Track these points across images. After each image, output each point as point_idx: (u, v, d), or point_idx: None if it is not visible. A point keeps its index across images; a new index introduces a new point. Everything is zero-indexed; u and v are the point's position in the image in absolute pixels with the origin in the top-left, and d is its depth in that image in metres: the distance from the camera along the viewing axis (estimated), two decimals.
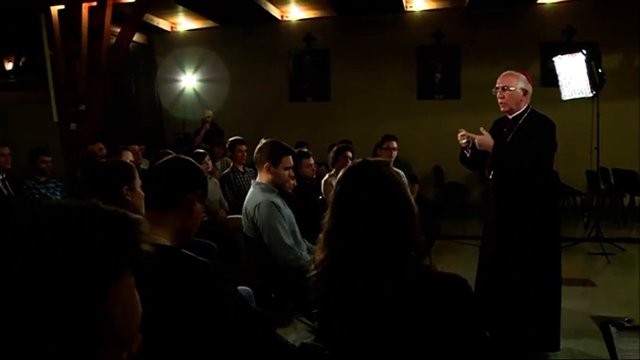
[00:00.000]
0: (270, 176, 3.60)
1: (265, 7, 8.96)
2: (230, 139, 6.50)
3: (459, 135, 3.79)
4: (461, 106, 9.14)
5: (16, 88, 8.38)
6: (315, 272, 1.61)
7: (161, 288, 1.73)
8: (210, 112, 8.68)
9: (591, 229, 6.58)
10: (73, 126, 7.68)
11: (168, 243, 1.81)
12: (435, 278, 1.54)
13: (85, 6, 7.41)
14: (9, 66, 9.16)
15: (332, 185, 5.51)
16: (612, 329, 2.04)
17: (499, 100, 3.72)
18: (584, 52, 6.21)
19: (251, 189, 3.72)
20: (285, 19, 9.76)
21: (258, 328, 1.87)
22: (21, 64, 9.00)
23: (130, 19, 7.48)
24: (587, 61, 6.14)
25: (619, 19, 8.46)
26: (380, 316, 1.50)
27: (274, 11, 9.37)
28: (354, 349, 1.56)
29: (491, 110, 6.74)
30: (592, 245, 6.41)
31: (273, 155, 3.59)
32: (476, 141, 3.63)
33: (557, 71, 6.56)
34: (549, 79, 7.66)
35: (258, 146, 3.66)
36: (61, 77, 7.61)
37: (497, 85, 3.71)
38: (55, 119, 7.76)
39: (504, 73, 3.73)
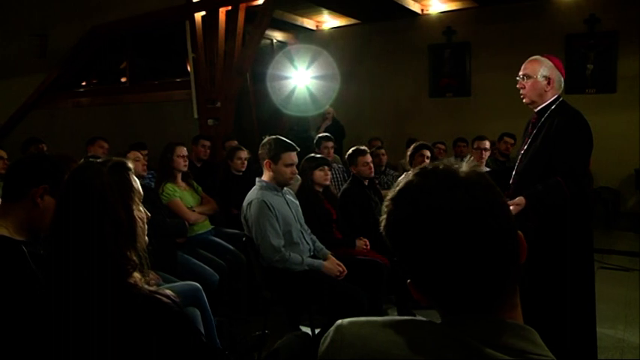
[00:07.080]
0: (270, 173, 3.56)
1: (405, 3, 8.81)
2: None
3: None
4: (616, 100, 8.03)
5: (168, 87, 9.32)
6: None
7: None
8: (330, 109, 8.76)
9: None
10: (210, 122, 8.32)
11: (7, 233, 1.96)
12: (134, 298, 1.43)
13: (222, 10, 7.99)
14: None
15: None
16: None
17: (520, 91, 3.26)
18: None
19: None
20: (425, 13, 9.43)
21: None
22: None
23: (260, 18, 7.86)
24: None
25: None
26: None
27: (414, 6, 9.12)
28: None
29: None
30: None
31: (273, 152, 3.54)
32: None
33: None
34: None
35: (262, 143, 3.65)
36: (201, 77, 8.29)
37: (519, 74, 3.25)
38: (195, 116, 8.48)
39: (528, 59, 3.24)
